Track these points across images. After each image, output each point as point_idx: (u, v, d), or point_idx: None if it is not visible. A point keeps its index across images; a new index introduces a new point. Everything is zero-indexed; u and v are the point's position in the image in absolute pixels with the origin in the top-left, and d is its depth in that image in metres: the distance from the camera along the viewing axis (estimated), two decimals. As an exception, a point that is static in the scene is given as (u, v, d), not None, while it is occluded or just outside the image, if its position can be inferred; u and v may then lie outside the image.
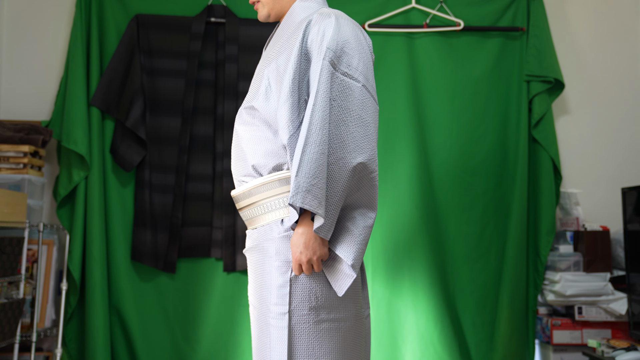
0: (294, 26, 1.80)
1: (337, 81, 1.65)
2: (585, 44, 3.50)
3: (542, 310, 3.21)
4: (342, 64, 1.66)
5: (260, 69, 1.85)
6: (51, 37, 3.32)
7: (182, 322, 3.15)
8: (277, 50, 1.80)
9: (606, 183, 3.41)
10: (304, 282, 1.68)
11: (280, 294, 1.67)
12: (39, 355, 3.07)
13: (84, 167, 3.07)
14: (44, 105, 3.29)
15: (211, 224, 3.16)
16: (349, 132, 1.64)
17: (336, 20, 1.71)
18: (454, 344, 3.17)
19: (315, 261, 1.63)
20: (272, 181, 1.73)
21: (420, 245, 3.19)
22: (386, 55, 3.29)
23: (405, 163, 3.22)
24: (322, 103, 1.62)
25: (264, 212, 1.75)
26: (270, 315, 1.68)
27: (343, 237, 1.65)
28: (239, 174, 1.82)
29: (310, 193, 1.57)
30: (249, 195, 1.77)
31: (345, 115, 1.64)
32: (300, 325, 1.66)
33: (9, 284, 2.81)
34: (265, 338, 1.69)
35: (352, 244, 1.64)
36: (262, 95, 1.76)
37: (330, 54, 1.65)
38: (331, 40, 1.67)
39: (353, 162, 1.63)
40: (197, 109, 3.20)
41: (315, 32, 1.70)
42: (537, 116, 3.24)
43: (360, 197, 1.68)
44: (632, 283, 2.99)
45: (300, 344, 1.66)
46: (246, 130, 1.79)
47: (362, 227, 1.66)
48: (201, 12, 3.22)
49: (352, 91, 1.66)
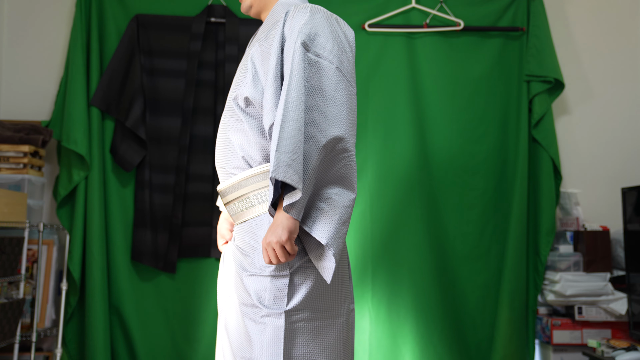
0: (276, 19, 1.82)
1: (310, 62, 1.67)
2: (585, 44, 3.50)
3: (542, 310, 3.21)
4: (315, 46, 1.69)
5: (244, 62, 1.85)
6: (51, 37, 3.32)
7: (182, 322, 3.15)
8: (261, 39, 1.82)
9: (606, 183, 3.41)
10: (301, 280, 1.68)
11: (277, 292, 1.66)
12: (39, 355, 3.07)
13: (84, 167, 3.07)
14: (44, 105, 3.29)
15: (211, 224, 3.16)
16: (320, 112, 1.65)
17: (311, 10, 1.74)
18: (454, 344, 3.17)
19: (285, 241, 1.59)
20: (261, 172, 1.73)
21: (420, 245, 3.19)
22: (386, 55, 3.29)
23: (405, 163, 3.22)
24: (297, 82, 1.64)
25: (253, 204, 1.74)
26: (263, 313, 1.66)
27: (317, 218, 1.63)
28: (228, 166, 1.80)
29: (291, 167, 1.56)
30: (237, 187, 1.76)
31: (317, 95, 1.66)
32: (297, 323, 1.66)
33: (9, 284, 2.81)
34: (254, 335, 1.68)
35: (327, 223, 1.62)
36: (249, 82, 1.77)
37: (303, 36, 1.68)
38: (304, 25, 1.70)
39: (323, 141, 1.63)
40: (197, 109, 3.20)
41: (290, 20, 1.73)
42: (537, 116, 3.24)
43: (334, 176, 1.67)
44: (632, 283, 2.99)
45: (297, 343, 1.66)
46: (235, 122, 1.79)
47: (337, 206, 1.64)
48: (201, 12, 3.22)
49: (325, 72, 1.68)
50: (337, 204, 1.65)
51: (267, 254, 1.62)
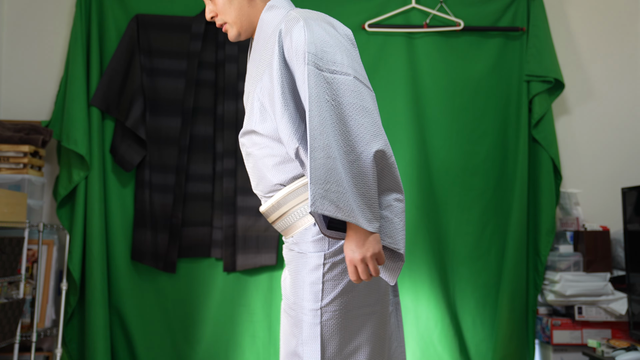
0: (267, 38, 1.78)
1: (327, 81, 1.62)
2: (585, 44, 3.50)
3: (542, 310, 3.21)
4: (326, 63, 1.63)
5: (248, 90, 1.84)
6: (51, 37, 3.32)
7: (182, 322, 3.15)
8: (259, 69, 1.78)
9: (606, 183, 3.41)
10: (336, 279, 1.70)
11: (313, 291, 1.69)
12: (39, 355, 3.07)
13: (84, 167, 3.07)
14: (44, 105, 3.29)
15: (211, 224, 3.16)
16: (358, 125, 1.61)
17: (305, 22, 1.67)
18: (454, 344, 3.17)
19: (369, 259, 1.59)
20: (297, 188, 1.73)
21: (420, 245, 3.19)
22: (386, 55, 3.29)
23: (405, 163, 3.22)
24: (317, 107, 1.59)
25: (297, 219, 1.74)
26: (304, 312, 1.70)
27: (386, 227, 1.64)
28: (263, 193, 1.81)
29: (326, 199, 1.54)
30: (277, 207, 1.76)
31: (347, 110, 1.62)
32: (332, 320, 1.69)
33: (9, 284, 2.81)
34: (298, 335, 1.72)
35: (397, 231, 1.64)
36: (257, 117, 1.75)
37: (311, 57, 1.62)
38: (308, 44, 1.63)
39: (371, 152, 1.61)
40: (197, 109, 3.20)
41: (289, 41, 1.67)
42: (537, 116, 3.24)
43: (388, 183, 1.67)
44: (632, 283, 2.99)
45: (333, 340, 1.69)
46: (258, 150, 1.78)
47: (399, 211, 1.66)
48: (201, 12, 3.22)
49: (346, 86, 1.63)
50: (398, 209, 1.66)
51: (351, 268, 1.62)
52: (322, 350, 1.67)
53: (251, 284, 3.16)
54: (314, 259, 1.71)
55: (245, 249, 3.12)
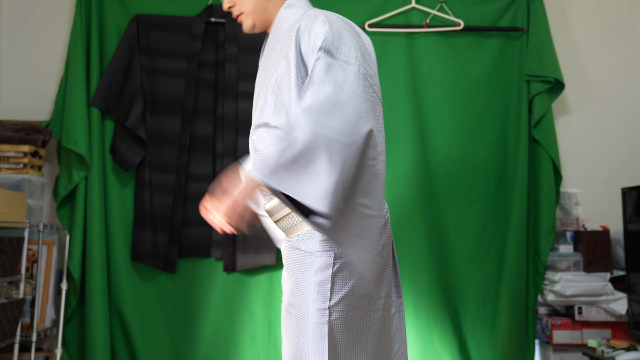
0: (283, 34, 1.79)
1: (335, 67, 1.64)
2: (585, 44, 3.50)
3: (542, 310, 3.21)
4: (340, 54, 1.65)
5: (259, 85, 1.84)
6: (51, 37, 3.32)
7: (182, 322, 3.15)
8: (273, 63, 1.79)
9: (606, 183, 3.41)
10: (344, 278, 1.70)
11: (320, 290, 1.69)
12: (39, 355, 3.07)
13: (84, 167, 3.07)
14: (44, 105, 3.29)
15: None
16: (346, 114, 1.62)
17: (325, 18, 1.70)
18: (454, 344, 3.17)
19: (231, 197, 1.65)
20: None
21: (420, 245, 3.19)
22: (386, 55, 3.29)
23: (405, 163, 3.22)
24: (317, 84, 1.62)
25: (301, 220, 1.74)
26: (309, 311, 1.70)
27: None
28: (268, 191, 1.80)
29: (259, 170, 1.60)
30: (282, 207, 1.75)
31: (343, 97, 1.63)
32: (339, 320, 1.69)
33: (9, 284, 2.81)
34: (303, 335, 1.71)
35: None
36: (271, 110, 1.76)
37: (326, 44, 1.65)
38: (326, 33, 1.66)
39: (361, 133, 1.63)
40: (197, 109, 3.20)
41: (307, 36, 1.69)
42: (537, 116, 3.24)
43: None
44: (632, 283, 2.99)
45: (340, 339, 1.69)
46: (267, 147, 1.78)
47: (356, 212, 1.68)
48: (201, 12, 3.22)
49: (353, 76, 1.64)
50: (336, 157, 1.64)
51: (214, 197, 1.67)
52: (330, 350, 1.67)
53: (251, 284, 3.16)
54: (322, 258, 1.70)
55: (245, 249, 3.13)
